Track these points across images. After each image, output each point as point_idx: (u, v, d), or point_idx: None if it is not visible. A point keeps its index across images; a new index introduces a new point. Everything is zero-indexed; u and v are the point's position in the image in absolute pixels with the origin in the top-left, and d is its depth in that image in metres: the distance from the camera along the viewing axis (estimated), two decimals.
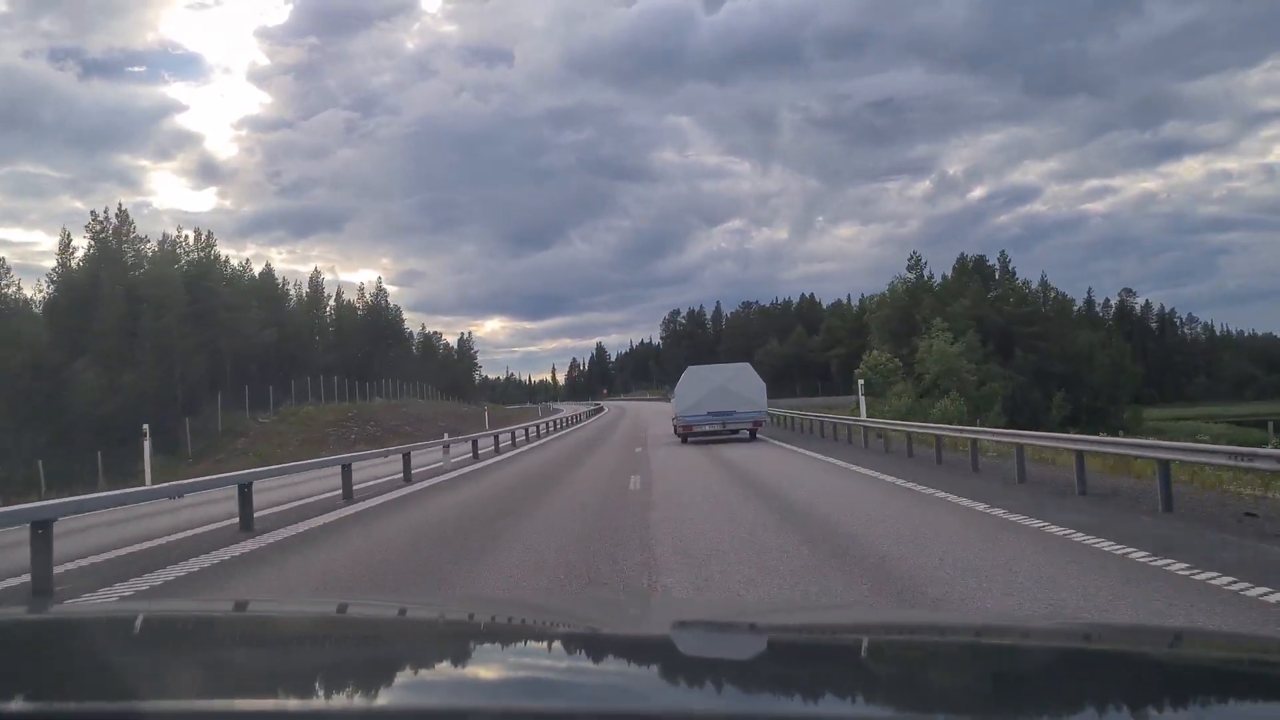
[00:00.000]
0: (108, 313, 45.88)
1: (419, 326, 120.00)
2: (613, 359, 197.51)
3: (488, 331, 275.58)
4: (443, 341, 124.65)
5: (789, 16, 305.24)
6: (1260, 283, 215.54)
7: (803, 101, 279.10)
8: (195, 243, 58.29)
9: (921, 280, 69.59)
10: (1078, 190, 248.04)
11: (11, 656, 1.53)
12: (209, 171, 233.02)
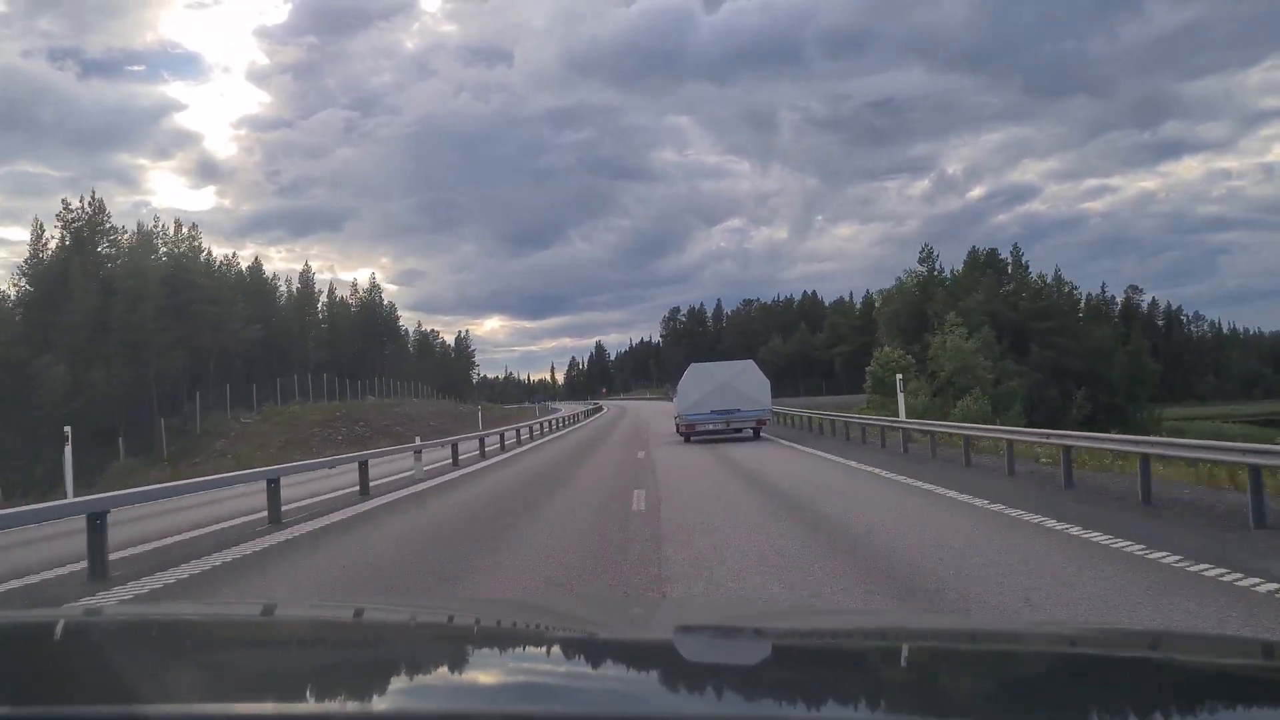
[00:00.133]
0: (78, 306, 43.39)
1: (415, 324, 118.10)
2: (612, 358, 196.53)
3: (487, 331, 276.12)
4: (439, 340, 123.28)
5: (789, 16, 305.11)
6: (1260, 282, 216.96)
7: (802, 101, 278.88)
8: (176, 234, 55.76)
9: (933, 274, 67.12)
10: (1077, 190, 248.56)
11: (12, 658, 1.53)
12: (208, 171, 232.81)
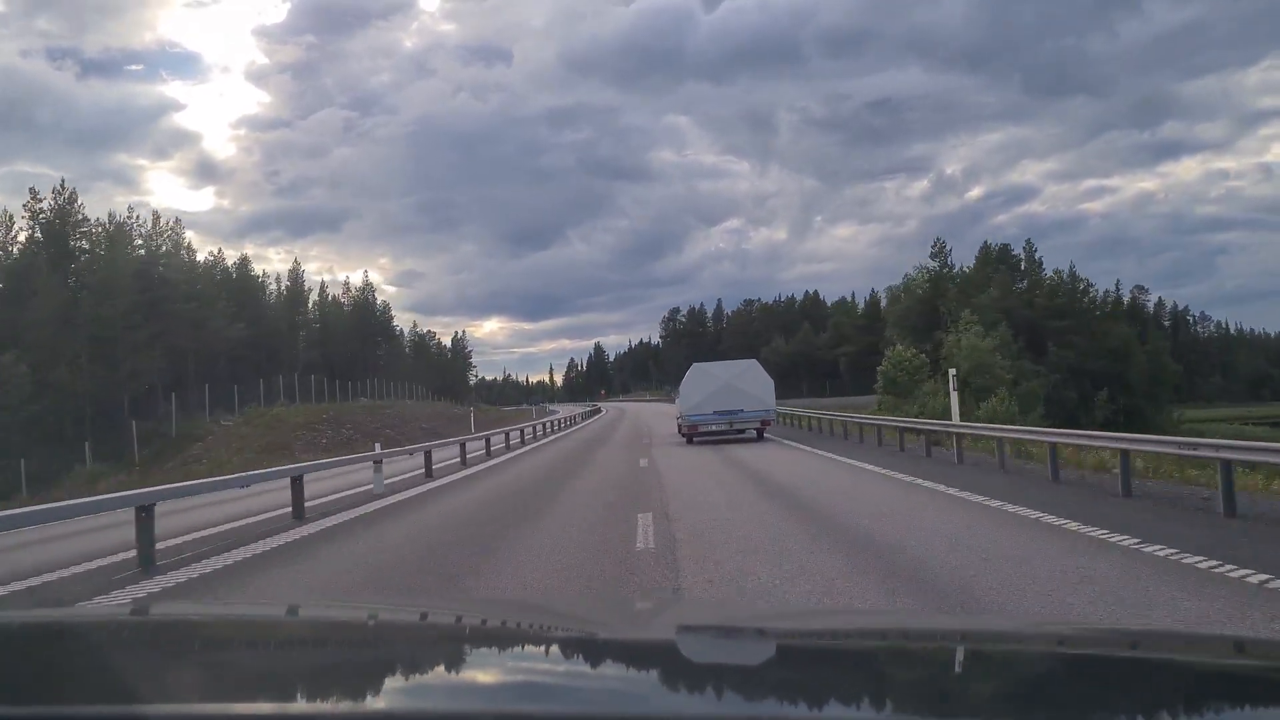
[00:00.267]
0: (45, 300, 40.84)
1: (411, 325, 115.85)
2: (611, 359, 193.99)
3: (486, 332, 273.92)
4: (436, 341, 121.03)
5: (788, 16, 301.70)
6: (1259, 283, 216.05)
7: (801, 101, 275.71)
8: (154, 227, 53.19)
9: (946, 269, 64.64)
10: (1076, 190, 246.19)
11: (12, 658, 1.53)
12: (207, 171, 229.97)
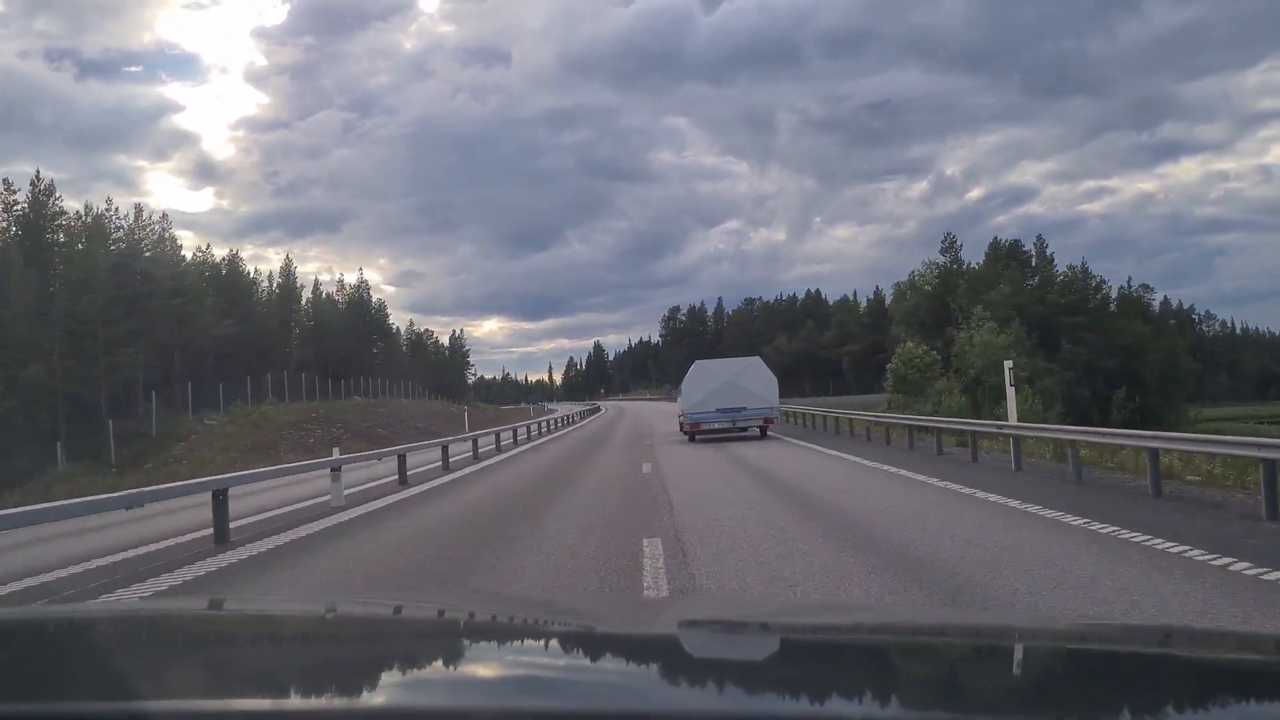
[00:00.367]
0: (17, 294, 39.06)
1: (406, 323, 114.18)
2: (610, 358, 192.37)
3: (485, 332, 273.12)
4: (434, 340, 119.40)
5: (787, 17, 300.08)
6: (1258, 284, 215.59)
7: (800, 102, 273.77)
8: (136, 221, 51.37)
9: (955, 265, 62.81)
10: (1075, 191, 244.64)
11: (12, 657, 1.52)
12: (206, 172, 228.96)
